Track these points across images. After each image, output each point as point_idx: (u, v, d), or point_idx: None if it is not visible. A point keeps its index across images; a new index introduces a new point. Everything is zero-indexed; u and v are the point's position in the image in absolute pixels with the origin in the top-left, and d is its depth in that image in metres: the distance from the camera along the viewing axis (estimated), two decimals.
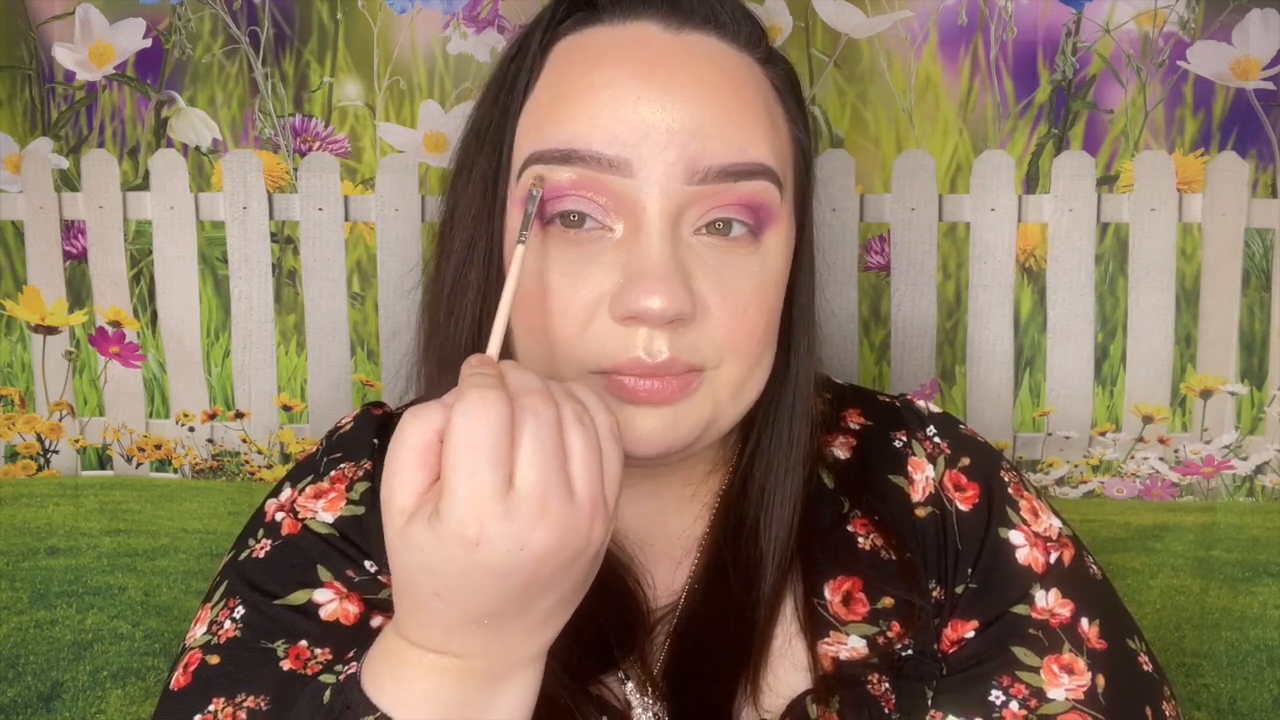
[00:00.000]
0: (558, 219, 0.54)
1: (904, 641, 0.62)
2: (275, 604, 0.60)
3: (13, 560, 1.04)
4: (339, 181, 1.00)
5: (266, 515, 0.65)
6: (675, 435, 0.55)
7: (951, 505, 0.66)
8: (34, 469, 1.05)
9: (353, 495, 0.64)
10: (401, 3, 0.97)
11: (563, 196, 0.54)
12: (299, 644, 0.58)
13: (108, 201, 1.01)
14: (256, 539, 0.64)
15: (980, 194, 0.96)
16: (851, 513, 0.65)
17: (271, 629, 0.59)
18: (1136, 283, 0.97)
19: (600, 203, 0.53)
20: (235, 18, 0.98)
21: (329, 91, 0.98)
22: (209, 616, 0.62)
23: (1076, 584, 0.64)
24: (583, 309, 0.54)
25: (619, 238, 0.54)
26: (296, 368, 1.02)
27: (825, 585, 0.63)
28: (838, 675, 0.60)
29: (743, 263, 0.55)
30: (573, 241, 0.54)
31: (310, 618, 0.59)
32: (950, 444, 0.68)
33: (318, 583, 0.61)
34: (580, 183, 0.53)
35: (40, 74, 0.99)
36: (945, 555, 0.64)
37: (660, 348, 0.53)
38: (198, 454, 1.03)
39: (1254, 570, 0.98)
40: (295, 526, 0.63)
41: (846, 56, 0.96)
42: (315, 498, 0.64)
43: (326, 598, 0.60)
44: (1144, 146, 0.95)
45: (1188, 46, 0.93)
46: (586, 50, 0.56)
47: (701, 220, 0.54)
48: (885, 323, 0.99)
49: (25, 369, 1.03)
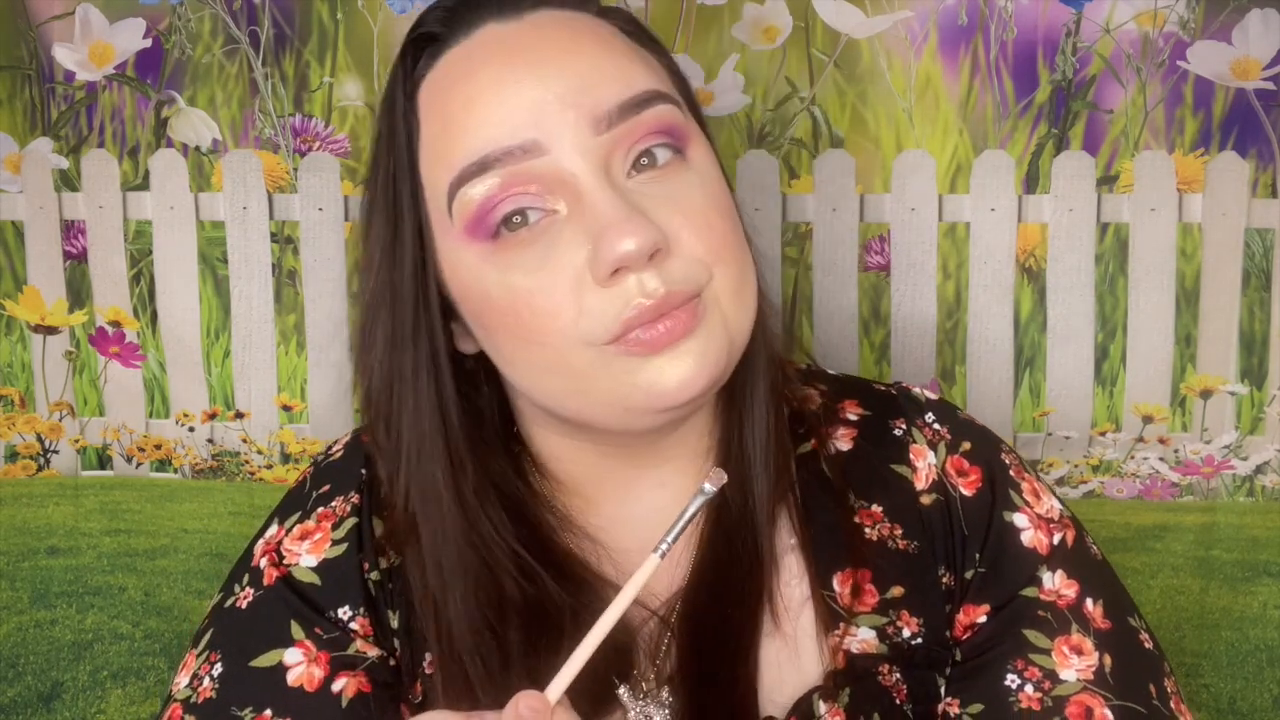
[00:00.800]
0: (502, 227, 0.55)
1: (914, 630, 0.62)
2: (250, 665, 0.61)
3: (13, 560, 1.04)
4: (339, 181, 1.00)
5: (253, 559, 0.66)
6: (707, 367, 0.55)
7: (955, 491, 0.66)
8: (34, 469, 1.05)
9: (337, 534, 0.65)
10: (401, 3, 0.97)
11: (498, 202, 0.54)
12: (264, 713, 0.60)
13: (108, 201, 1.01)
14: (241, 585, 0.65)
15: (980, 194, 0.96)
16: (857, 504, 0.65)
17: (243, 694, 0.61)
18: (1136, 283, 0.97)
19: (533, 191, 0.54)
20: (235, 18, 0.98)
21: (329, 91, 0.98)
22: (193, 666, 0.63)
23: (1080, 564, 0.65)
24: (567, 293, 0.54)
25: (566, 214, 0.55)
26: (296, 367, 1.02)
27: (833, 577, 0.63)
28: (848, 669, 0.60)
29: (684, 181, 0.56)
30: (525, 241, 0.55)
31: (278, 685, 0.61)
32: (950, 429, 0.68)
33: (290, 641, 0.62)
34: (506, 182, 0.54)
35: (40, 74, 0.99)
36: (952, 541, 0.64)
37: (654, 285, 0.53)
38: (198, 454, 1.03)
39: (1254, 570, 0.98)
40: (277, 575, 0.64)
41: (846, 56, 0.96)
42: (301, 539, 0.65)
43: (296, 659, 0.61)
44: (1144, 146, 0.95)
45: (1188, 46, 0.93)
46: (450, 74, 0.57)
47: (628, 161, 0.55)
48: (885, 323, 0.99)
49: (25, 369, 1.03)
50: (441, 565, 0.60)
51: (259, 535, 0.68)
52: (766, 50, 0.96)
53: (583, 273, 0.54)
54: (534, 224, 0.55)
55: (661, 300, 0.53)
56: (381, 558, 0.64)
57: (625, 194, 0.54)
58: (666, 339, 0.54)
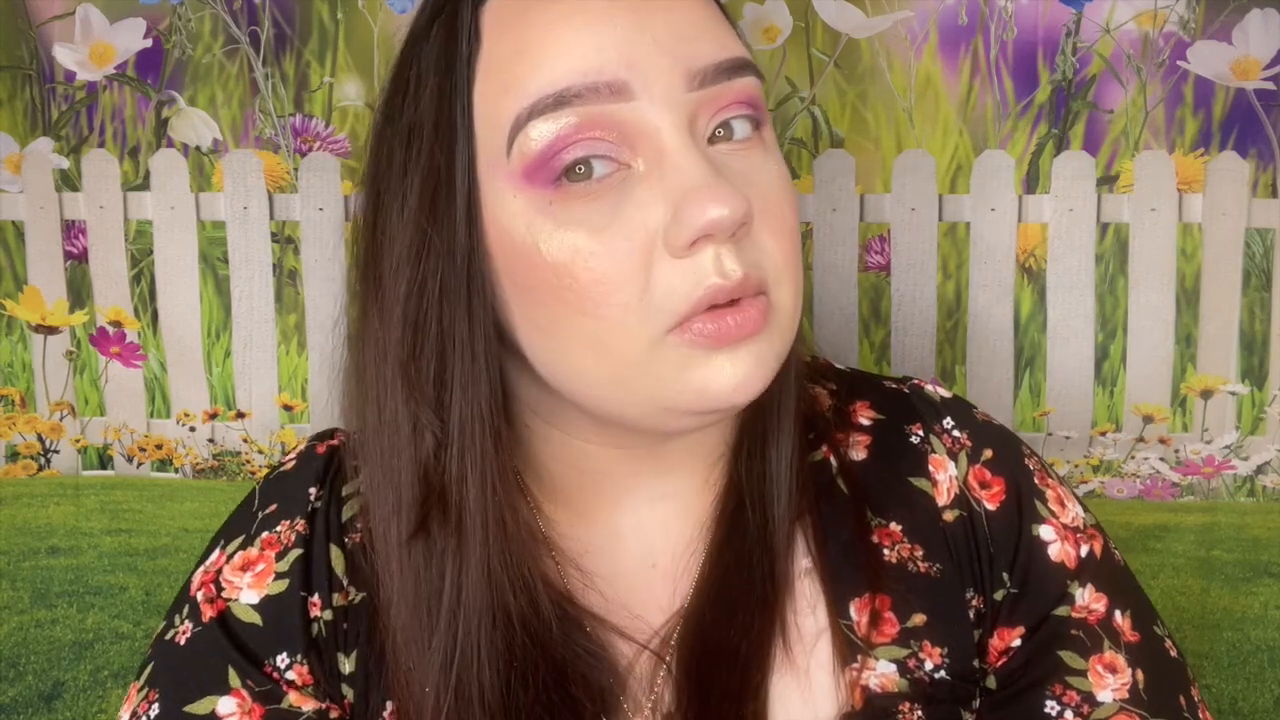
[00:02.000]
0: (564, 176, 0.48)
1: (937, 661, 0.57)
2: (184, 710, 0.57)
3: (14, 560, 1.04)
4: (340, 181, 1.00)
5: (191, 589, 0.61)
6: (764, 374, 0.50)
7: (979, 506, 0.61)
8: (35, 469, 1.05)
9: (281, 567, 0.59)
10: (402, 3, 0.97)
11: (570, 144, 0.47)
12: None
13: (108, 201, 1.01)
14: (181, 618, 0.60)
15: (980, 194, 0.96)
16: (875, 521, 0.59)
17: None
18: (1137, 283, 0.96)
19: (611, 139, 0.48)
20: (235, 18, 0.98)
21: (329, 91, 0.99)
22: (135, 701, 0.60)
23: (1108, 576, 0.61)
24: (635, 261, 0.47)
25: (643, 171, 0.48)
26: (297, 367, 1.02)
27: (851, 604, 0.57)
28: (865, 708, 0.55)
29: (762, 162, 0.51)
30: (593, 194, 0.48)
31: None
32: (970, 435, 0.63)
33: (226, 689, 0.57)
34: (584, 124, 0.47)
35: (41, 74, 0.99)
36: (979, 561, 0.60)
37: (733, 265, 0.48)
38: (199, 454, 1.03)
39: (1255, 571, 0.98)
40: (217, 609, 0.59)
41: (846, 56, 0.96)
42: (243, 569, 0.59)
43: (229, 709, 0.57)
44: (1144, 146, 0.95)
45: (1188, 46, 0.93)
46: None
47: (709, 128, 0.50)
48: (885, 322, 0.99)
49: (26, 369, 1.03)
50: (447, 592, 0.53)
51: (200, 561, 0.63)
52: (767, 50, 0.96)
53: (655, 240, 0.48)
54: (604, 177, 0.48)
55: (737, 284, 0.48)
56: (337, 594, 0.59)
57: (709, 159, 0.48)
58: (735, 334, 0.48)
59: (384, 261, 0.53)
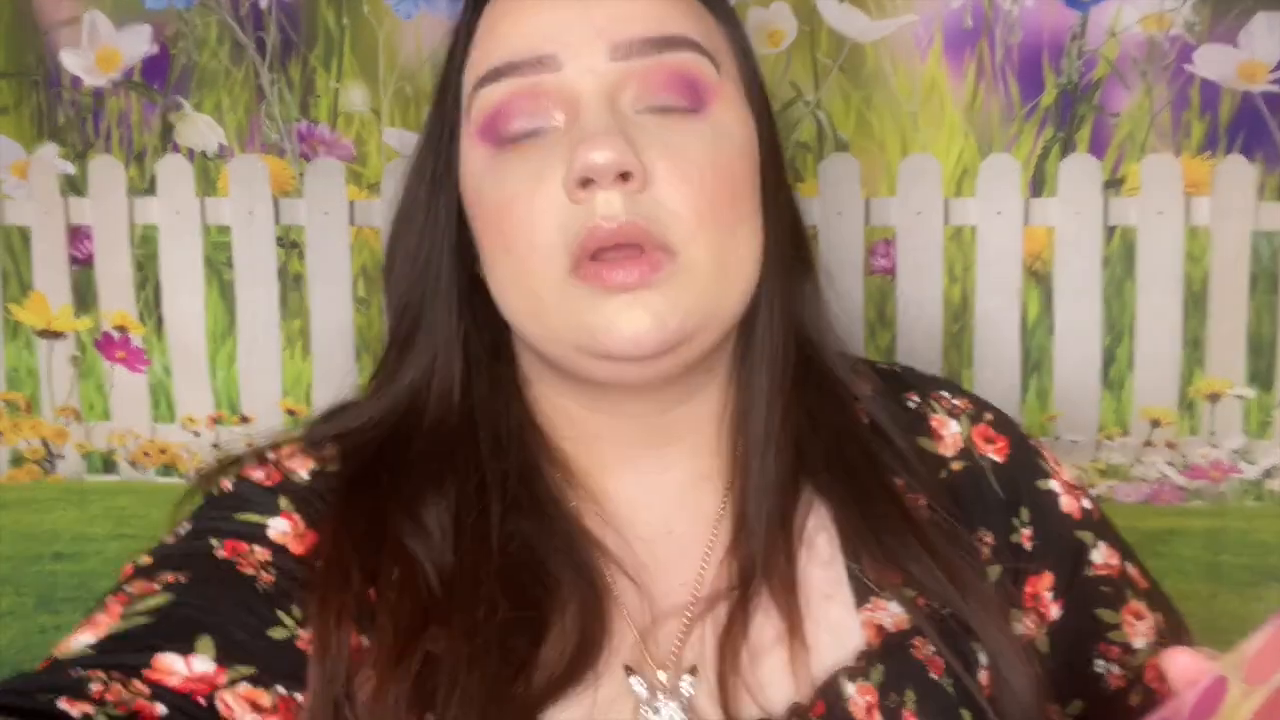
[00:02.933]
0: (502, 134, 0.56)
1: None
2: (235, 517, 0.58)
3: (18, 565, 1.04)
4: (345, 186, 1.00)
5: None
6: (664, 329, 0.53)
7: (985, 458, 0.65)
8: (40, 474, 1.05)
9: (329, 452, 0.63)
10: (407, 8, 0.97)
11: (505, 107, 0.56)
12: (237, 541, 0.57)
13: (114, 206, 1.01)
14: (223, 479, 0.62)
15: (986, 197, 0.96)
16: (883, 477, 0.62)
17: (213, 527, 0.57)
18: (1144, 286, 0.96)
19: (539, 104, 0.55)
20: (242, 24, 0.98)
21: (335, 97, 0.99)
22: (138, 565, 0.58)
23: (1109, 530, 0.66)
24: (544, 204, 0.54)
25: (562, 128, 0.55)
26: (302, 372, 1.02)
27: (862, 552, 0.60)
28: (881, 645, 0.58)
29: (690, 128, 0.55)
30: (524, 151, 0.56)
31: (256, 535, 0.57)
32: (969, 402, 0.67)
33: (275, 511, 0.58)
34: (517, 92, 0.55)
35: (47, 80, 1.00)
36: (986, 505, 0.63)
37: (616, 209, 0.53)
38: (203, 459, 1.03)
39: (1263, 575, 0.98)
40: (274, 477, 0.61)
41: (851, 60, 0.96)
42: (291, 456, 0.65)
43: (282, 525, 0.58)
44: (1150, 149, 0.95)
45: (1194, 49, 0.93)
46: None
47: (640, 104, 0.55)
48: (891, 326, 0.98)
49: (31, 374, 1.03)
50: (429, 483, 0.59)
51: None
52: (771, 54, 0.96)
53: (560, 186, 0.54)
54: (533, 134, 0.55)
55: (619, 228, 0.52)
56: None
57: (622, 121, 0.54)
58: (620, 280, 0.53)
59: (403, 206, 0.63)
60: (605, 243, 0.53)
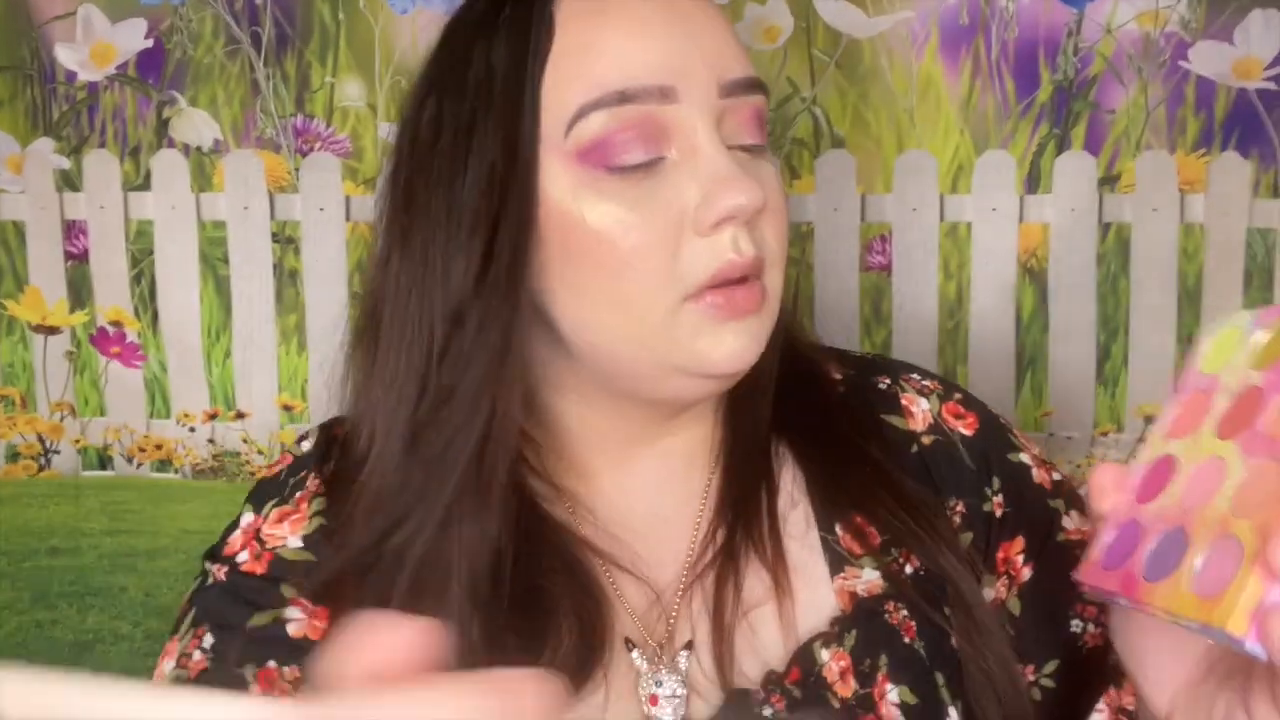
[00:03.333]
0: (611, 159, 0.56)
1: (916, 566, 0.62)
2: (245, 626, 0.59)
3: (14, 560, 1.04)
4: (340, 181, 1.00)
5: (227, 549, 0.63)
6: (757, 348, 0.58)
7: (955, 433, 0.67)
8: (35, 469, 1.05)
9: (315, 508, 0.63)
10: (403, 3, 0.97)
11: (619, 135, 0.55)
12: (267, 666, 0.58)
13: (109, 201, 1.01)
14: (215, 564, 0.63)
15: (982, 194, 0.96)
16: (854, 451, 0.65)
17: (240, 654, 0.59)
18: (1138, 283, 0.96)
19: (653, 134, 0.56)
20: (237, 18, 0.98)
21: (330, 92, 0.99)
22: (177, 649, 0.61)
23: (1079, 500, 0.67)
24: (667, 232, 0.55)
25: (677, 161, 0.56)
26: (297, 368, 1.02)
27: (835, 522, 0.63)
28: (854, 611, 0.60)
29: (763, 166, 0.59)
30: (632, 176, 0.56)
31: (277, 638, 0.59)
32: (938, 383, 0.70)
33: (283, 602, 0.60)
34: (635, 119, 0.55)
35: (42, 74, 0.99)
36: (958, 474, 0.65)
37: (747, 245, 0.56)
38: (199, 454, 1.03)
39: None
40: (265, 561, 0.62)
41: (847, 57, 0.96)
42: (280, 521, 0.63)
43: (294, 615, 0.60)
44: (1146, 146, 0.95)
45: (1189, 46, 0.93)
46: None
47: (730, 140, 0.58)
48: (886, 323, 0.98)
49: (26, 369, 1.03)
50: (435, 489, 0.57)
51: (232, 528, 0.65)
52: (768, 50, 0.96)
53: (684, 218, 0.55)
54: (643, 164, 0.56)
55: (749, 262, 0.56)
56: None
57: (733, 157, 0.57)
58: (742, 308, 0.56)
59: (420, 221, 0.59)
60: (733, 275, 0.56)
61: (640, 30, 0.56)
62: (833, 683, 0.58)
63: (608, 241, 0.55)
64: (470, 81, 0.58)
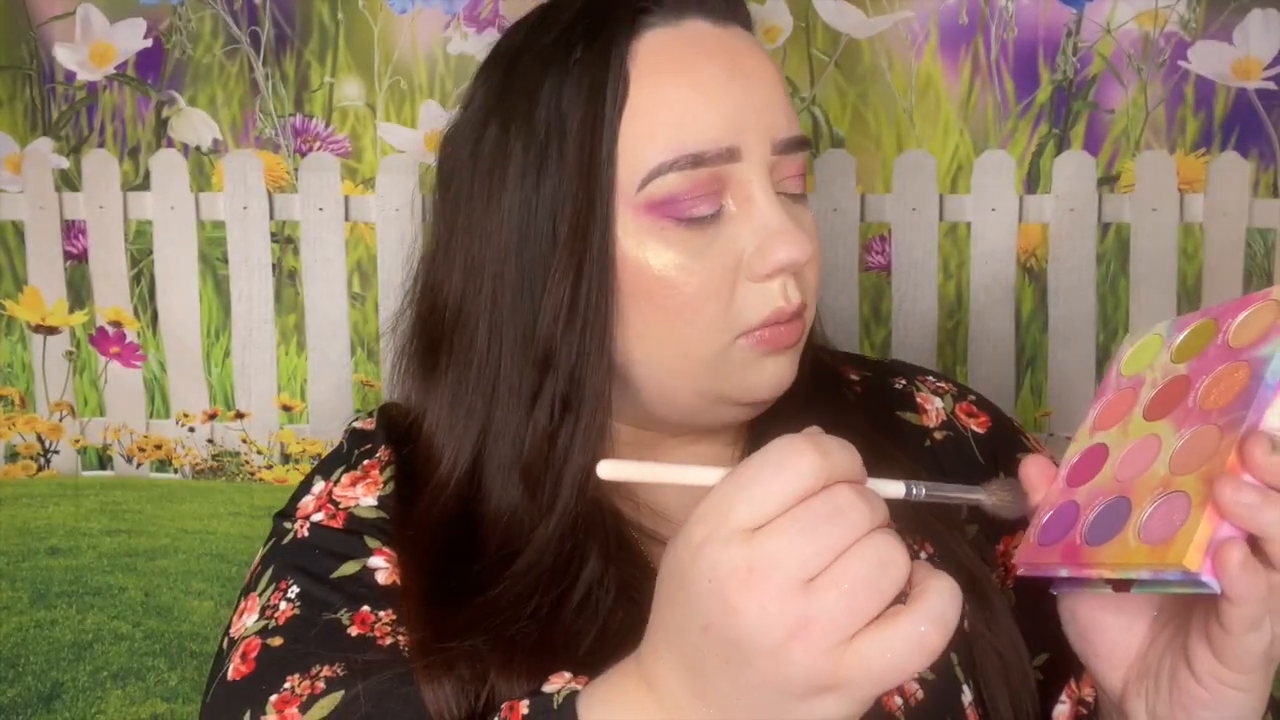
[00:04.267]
0: (679, 212, 0.59)
1: (930, 553, 0.64)
2: (331, 577, 0.61)
3: (13, 560, 1.04)
4: (339, 181, 1.00)
5: (301, 510, 0.65)
6: (794, 372, 0.63)
7: (967, 430, 0.71)
8: (34, 469, 1.05)
9: (386, 475, 0.66)
10: (402, 3, 0.97)
11: (691, 192, 0.59)
12: (361, 609, 0.59)
13: (108, 201, 1.01)
14: (293, 522, 0.65)
15: (981, 194, 0.96)
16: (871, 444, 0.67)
17: (332, 600, 0.60)
18: (1138, 283, 0.96)
19: (719, 191, 0.60)
20: (236, 18, 0.98)
21: (329, 91, 0.98)
22: (259, 604, 0.61)
23: None
24: (724, 279, 0.59)
25: (734, 212, 0.60)
26: (297, 368, 1.02)
27: None
28: None
29: (805, 212, 0.64)
30: (695, 226, 0.59)
31: (367, 585, 0.60)
32: (952, 384, 0.74)
33: (368, 552, 0.61)
34: (707, 179, 0.59)
35: (41, 74, 0.99)
36: (969, 468, 0.69)
37: (795, 293, 0.60)
38: (198, 454, 1.03)
39: None
40: (340, 519, 0.64)
41: (847, 56, 0.96)
42: (352, 485, 0.66)
43: (380, 563, 0.61)
44: (1145, 146, 0.95)
45: (1189, 46, 0.93)
46: (667, 55, 0.60)
47: (778, 189, 0.62)
48: (886, 322, 0.98)
49: (25, 369, 1.03)
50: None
51: (302, 492, 0.67)
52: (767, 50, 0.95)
53: (739, 264, 0.59)
54: (706, 215, 0.60)
55: (796, 308, 0.60)
56: None
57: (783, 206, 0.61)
58: (785, 340, 0.61)
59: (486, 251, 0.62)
60: (782, 320, 0.60)
61: (711, 91, 0.59)
62: None
63: (671, 286, 0.59)
64: (540, 119, 0.60)
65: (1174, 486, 0.46)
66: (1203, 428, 0.47)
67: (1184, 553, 0.43)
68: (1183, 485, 0.45)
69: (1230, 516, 0.43)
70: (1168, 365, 0.52)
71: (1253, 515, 0.43)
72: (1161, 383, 0.52)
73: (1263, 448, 0.43)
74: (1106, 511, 0.48)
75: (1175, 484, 0.46)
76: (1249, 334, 0.49)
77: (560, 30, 0.61)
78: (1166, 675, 0.49)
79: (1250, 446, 0.43)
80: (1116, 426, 0.53)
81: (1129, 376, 0.55)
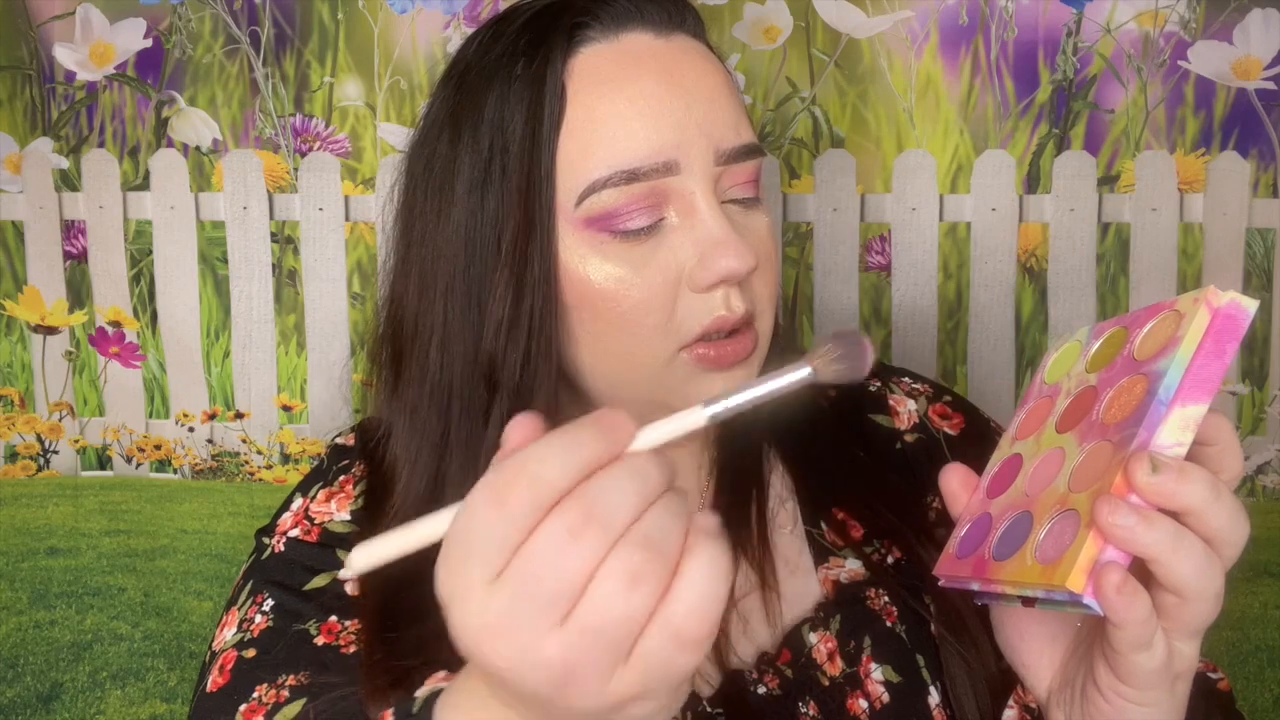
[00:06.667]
0: (619, 233, 0.59)
1: (898, 557, 0.65)
2: (304, 590, 0.63)
3: (12, 560, 1.04)
4: (339, 181, 1.00)
5: (280, 527, 0.67)
6: None
7: (939, 433, 0.71)
8: (34, 469, 1.04)
9: (358, 490, 0.67)
10: (402, 3, 0.97)
11: (627, 208, 0.59)
12: (329, 619, 0.61)
13: (108, 201, 1.01)
14: (272, 538, 0.67)
15: (981, 194, 0.96)
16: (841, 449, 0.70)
17: (304, 611, 0.62)
18: (1138, 282, 0.96)
19: (658, 204, 0.59)
20: (236, 18, 0.98)
21: (329, 91, 0.98)
22: (237, 617, 0.64)
23: None
24: (665, 291, 0.59)
25: (676, 223, 0.60)
26: (296, 368, 1.02)
27: (820, 518, 0.67)
28: (837, 597, 0.64)
29: (756, 218, 0.63)
30: (634, 239, 0.60)
31: (338, 595, 0.62)
32: (928, 385, 0.74)
33: (339, 565, 0.62)
34: (642, 194, 0.59)
35: (41, 74, 0.99)
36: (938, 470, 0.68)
37: (738, 303, 0.59)
38: (197, 454, 1.03)
39: (1255, 570, 0.98)
40: (314, 534, 0.66)
41: (847, 56, 0.96)
42: (327, 500, 0.67)
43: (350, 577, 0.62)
44: (1145, 146, 0.95)
45: (1189, 46, 0.93)
46: (604, 70, 0.60)
47: (724, 196, 0.61)
48: (886, 322, 0.98)
49: (25, 369, 1.03)
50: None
51: (282, 510, 0.68)
52: (767, 50, 0.96)
53: (680, 275, 0.59)
54: (645, 227, 0.60)
55: (739, 318, 0.60)
56: None
57: (727, 215, 0.60)
58: (730, 358, 0.60)
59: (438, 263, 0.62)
60: (724, 330, 0.60)
61: (646, 108, 0.59)
62: (822, 663, 0.62)
63: (612, 299, 0.59)
64: (484, 135, 0.61)
65: (1069, 504, 0.45)
66: (1100, 444, 0.46)
67: (1068, 574, 0.42)
68: (1076, 503, 0.45)
69: (1109, 538, 0.42)
70: (1082, 375, 0.51)
71: (1130, 537, 0.42)
72: (1075, 393, 0.51)
73: (1144, 468, 0.43)
74: (1013, 527, 0.48)
75: (1070, 501, 0.45)
76: (1151, 346, 0.48)
77: (505, 45, 0.62)
78: (1079, 687, 0.50)
79: (1133, 466, 0.43)
80: (1032, 437, 0.52)
81: (1050, 384, 0.54)
